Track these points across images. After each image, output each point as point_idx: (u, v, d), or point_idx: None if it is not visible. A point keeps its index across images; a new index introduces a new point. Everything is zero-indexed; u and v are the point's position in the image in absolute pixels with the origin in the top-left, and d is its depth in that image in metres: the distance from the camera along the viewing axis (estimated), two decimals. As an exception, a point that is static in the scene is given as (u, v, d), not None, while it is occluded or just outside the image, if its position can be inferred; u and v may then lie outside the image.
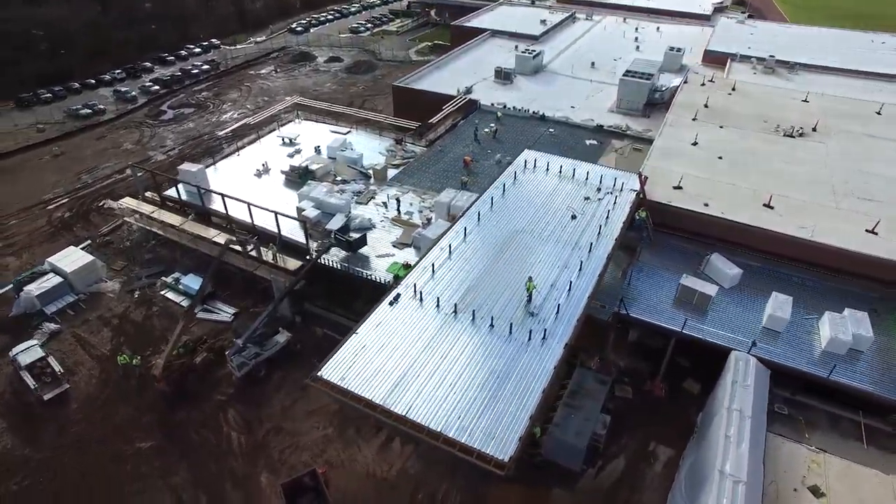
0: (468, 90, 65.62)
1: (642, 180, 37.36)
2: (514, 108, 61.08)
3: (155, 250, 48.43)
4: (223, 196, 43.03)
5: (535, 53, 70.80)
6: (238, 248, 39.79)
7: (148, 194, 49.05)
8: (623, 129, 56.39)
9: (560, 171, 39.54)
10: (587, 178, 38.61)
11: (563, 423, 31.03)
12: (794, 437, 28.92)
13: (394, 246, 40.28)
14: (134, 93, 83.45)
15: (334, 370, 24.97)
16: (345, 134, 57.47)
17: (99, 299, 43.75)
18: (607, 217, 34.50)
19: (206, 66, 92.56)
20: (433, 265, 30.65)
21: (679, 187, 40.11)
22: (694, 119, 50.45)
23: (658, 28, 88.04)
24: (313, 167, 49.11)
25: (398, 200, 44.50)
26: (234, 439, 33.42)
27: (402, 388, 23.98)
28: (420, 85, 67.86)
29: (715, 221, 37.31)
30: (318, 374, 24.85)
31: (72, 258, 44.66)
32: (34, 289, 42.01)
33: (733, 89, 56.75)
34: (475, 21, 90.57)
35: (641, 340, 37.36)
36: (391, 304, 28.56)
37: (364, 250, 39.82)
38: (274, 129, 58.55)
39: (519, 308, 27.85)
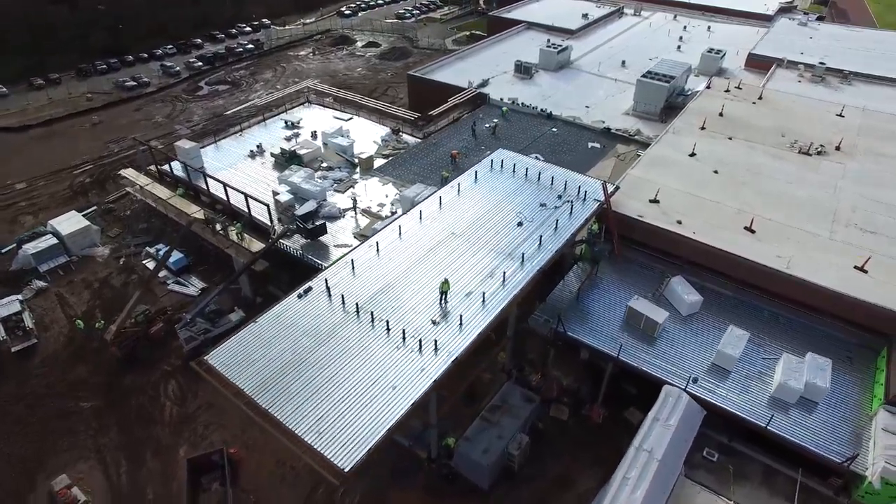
0: (484, 83, 64.01)
1: (606, 190, 34.92)
2: (522, 104, 58.97)
3: (150, 222, 50.85)
4: (204, 174, 44.45)
5: (560, 48, 67.89)
6: (205, 224, 41.05)
7: (152, 168, 51.49)
8: (630, 134, 53.10)
9: (526, 174, 37.68)
10: (552, 184, 36.59)
11: (473, 438, 29.95)
12: (714, 488, 26.40)
13: (354, 237, 40.08)
14: (178, 68, 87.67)
15: (221, 356, 25.18)
16: (346, 121, 57.71)
17: (88, 263, 46.57)
18: (556, 227, 32.54)
19: (249, 46, 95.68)
20: (353, 262, 30.16)
21: (655, 201, 37.26)
22: (702, 128, 46.63)
23: (709, 27, 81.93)
24: (301, 151, 49.61)
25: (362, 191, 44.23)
26: (167, 409, 34.72)
27: (275, 382, 23.81)
28: (439, 75, 66.86)
29: (683, 241, 34.39)
30: (205, 357, 25.15)
31: (70, 222, 47.73)
32: (31, 247, 45.31)
33: (759, 98, 51.89)
34: (515, 12, 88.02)
35: (593, 361, 35.22)
36: (300, 296, 28.39)
37: (325, 239, 39.89)
38: (282, 112, 59.58)
39: (422, 315, 26.88)
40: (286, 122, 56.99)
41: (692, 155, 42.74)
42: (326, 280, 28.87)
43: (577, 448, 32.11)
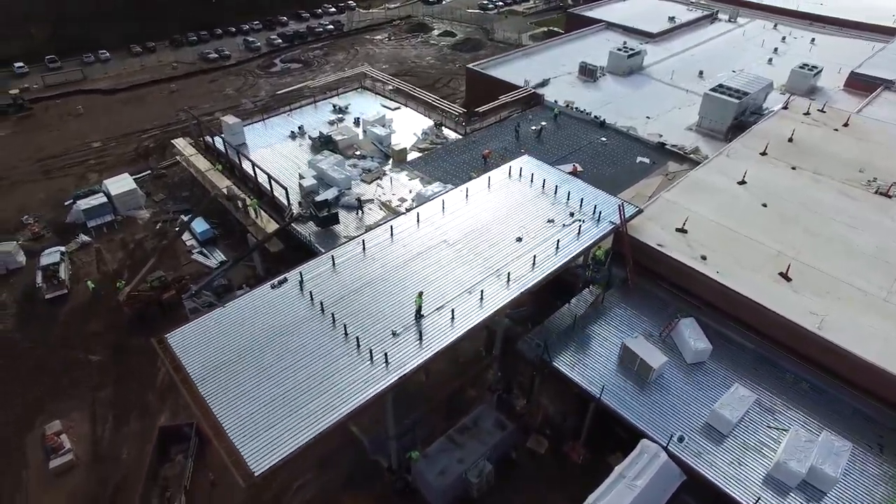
0: (543, 83, 61.19)
1: (622, 212, 31.79)
2: (576, 108, 55.64)
3: (192, 191, 53.22)
4: (237, 151, 45.67)
5: (631, 52, 63.34)
6: (227, 199, 42.26)
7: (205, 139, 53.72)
8: (686, 152, 48.49)
9: (543, 186, 35.21)
10: (568, 199, 33.91)
11: (433, 456, 28.59)
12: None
13: (367, 230, 39.51)
14: (259, 43, 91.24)
15: (181, 337, 25.51)
16: (392, 110, 57.20)
17: (130, 224, 49.54)
18: (557, 247, 30.07)
19: (330, 26, 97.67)
20: (333, 258, 29.50)
21: (683, 230, 33.61)
22: (763, 153, 41.56)
23: (813, 40, 73.18)
24: (337, 137, 49.69)
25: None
26: (161, 375, 36.13)
27: (222, 371, 23.75)
28: (498, 70, 64.66)
29: (702, 280, 30.72)
30: (166, 335, 25.60)
31: (121, 183, 50.95)
32: (83, 203, 48.82)
33: (845, 124, 45.47)
34: (596, 11, 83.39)
35: (584, 394, 32.66)
36: (273, 286, 28.19)
37: (337, 229, 39.70)
38: (333, 96, 60.12)
39: (386, 324, 25.73)
40: (334, 106, 57.43)
41: (742, 183, 38.18)
42: (301, 273, 28.48)
43: (548, 486, 29.88)
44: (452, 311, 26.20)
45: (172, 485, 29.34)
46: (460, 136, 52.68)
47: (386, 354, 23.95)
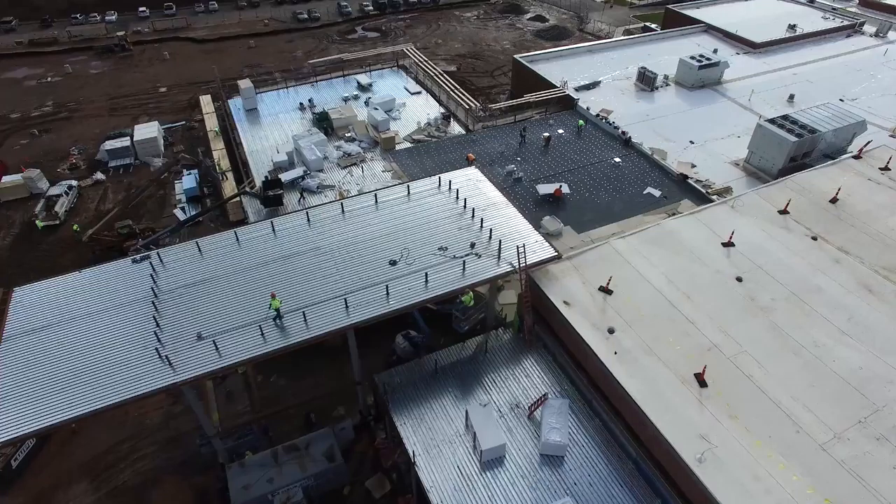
0: (591, 85, 54.36)
1: (521, 256, 26.64)
2: (605, 118, 48.56)
3: (208, 148, 55.35)
4: (228, 118, 46.39)
5: (705, 63, 53.59)
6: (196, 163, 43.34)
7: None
8: (710, 190, 40.09)
9: (465, 206, 30.79)
10: (481, 227, 29.31)
11: (248, 468, 27.05)
12: None
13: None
14: (350, 9, 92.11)
15: (29, 292, 26.27)
16: (412, 94, 54.40)
17: (143, 170, 52.96)
18: (426, 281, 26.11)
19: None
20: (198, 244, 28.36)
21: (607, 290, 27.59)
22: (782, 211, 32.75)
23: (979, 71, 56.48)
24: (334, 116, 48.35)
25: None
26: None
27: (39, 332, 24.15)
28: (553, 65, 58.58)
29: (592, 359, 25.00)
30: (16, 288, 26.53)
31: (146, 130, 54.50)
32: (108, 144, 53.05)
33: (927, 193, 34.35)
34: (703, 10, 71.90)
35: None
36: (135, 261, 27.89)
37: (281, 210, 38.78)
38: (363, 72, 58.65)
39: (203, 323, 24.24)
40: (358, 83, 56.02)
41: (728, 245, 30.44)
42: (159, 254, 27.89)
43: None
44: (261, 327, 23.95)
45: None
46: (463, 132, 48.65)
47: (167, 357, 22.58)
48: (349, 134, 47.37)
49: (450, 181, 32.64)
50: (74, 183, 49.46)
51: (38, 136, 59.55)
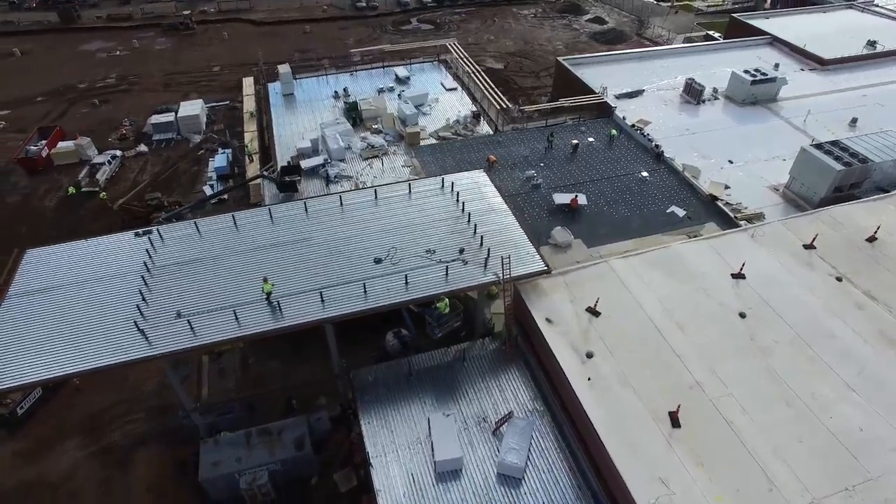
0: (633, 93, 52.11)
1: (504, 267, 25.76)
2: (641, 130, 46.35)
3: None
4: (259, 104, 47.54)
5: (759, 78, 50.12)
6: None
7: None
8: (739, 215, 37.51)
9: (463, 210, 30.16)
10: (475, 232, 28.61)
11: (220, 445, 27.72)
12: None
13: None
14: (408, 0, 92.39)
15: (37, 256, 27.94)
16: (447, 90, 53.89)
17: (183, 145, 55.24)
18: (406, 282, 25.74)
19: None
20: (196, 225, 29.19)
21: (594, 311, 26.38)
22: (808, 245, 30.20)
23: None
24: (364, 107, 48.61)
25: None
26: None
27: (46, 293, 25.66)
28: (598, 70, 56.44)
29: (564, 383, 23.96)
30: (29, 249, 28.28)
31: (190, 107, 56.80)
32: (154, 118, 55.67)
33: None
34: (772, 20, 67.22)
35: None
36: (137, 235, 29.07)
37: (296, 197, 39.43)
38: (403, 63, 58.61)
39: (184, 302, 25.04)
40: (396, 75, 56.06)
41: (737, 276, 28.38)
42: (159, 230, 28.93)
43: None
44: (235, 311, 24.40)
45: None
46: (491, 133, 47.76)
47: (144, 331, 23.47)
48: (376, 126, 47.51)
49: (452, 183, 32.06)
50: (118, 153, 52.25)
51: (98, 106, 63.30)
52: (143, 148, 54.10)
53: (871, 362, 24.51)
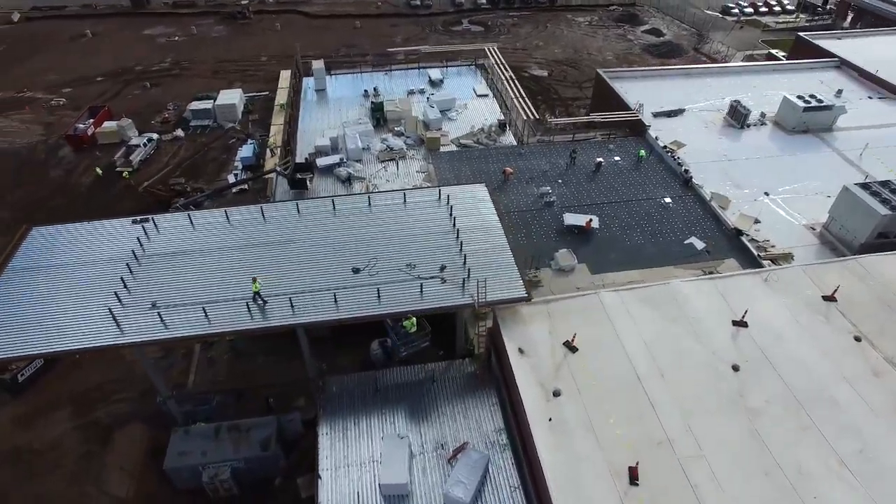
0: (673, 112, 49.37)
1: (479, 292, 24.60)
2: (672, 152, 43.70)
3: (278, 119, 58.04)
4: (290, 97, 48.07)
5: (814, 105, 46.23)
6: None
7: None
8: (764, 253, 34.62)
9: (454, 225, 29.16)
10: (460, 250, 27.56)
11: (190, 435, 28.10)
12: None
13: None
14: (463, 0, 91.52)
15: (44, 232, 29.13)
16: (478, 96, 52.78)
17: (216, 132, 56.78)
18: (378, 296, 25.06)
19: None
20: (190, 217, 29.59)
21: (571, 347, 24.87)
22: (828, 297, 27.36)
23: None
24: (389, 108, 48.30)
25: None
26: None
27: (42, 269, 26.86)
28: (640, 84, 53.88)
29: (523, 422, 22.65)
30: (34, 226, 29.58)
31: (228, 97, 58.33)
32: (194, 105, 57.53)
33: None
34: (845, 41, 62.06)
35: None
36: (134, 222, 29.80)
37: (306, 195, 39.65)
38: (439, 66, 57.93)
39: (166, 294, 25.44)
40: (429, 78, 55.49)
41: (738, 324, 26.07)
42: (154, 219, 29.56)
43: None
44: (204, 308, 24.51)
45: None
46: (514, 144, 46.37)
47: (117, 319, 24.01)
48: (399, 128, 47.12)
49: (448, 195, 31.15)
50: (155, 136, 54.30)
51: (149, 88, 66.17)
52: (179, 133, 56.03)
53: (877, 440, 21.85)
